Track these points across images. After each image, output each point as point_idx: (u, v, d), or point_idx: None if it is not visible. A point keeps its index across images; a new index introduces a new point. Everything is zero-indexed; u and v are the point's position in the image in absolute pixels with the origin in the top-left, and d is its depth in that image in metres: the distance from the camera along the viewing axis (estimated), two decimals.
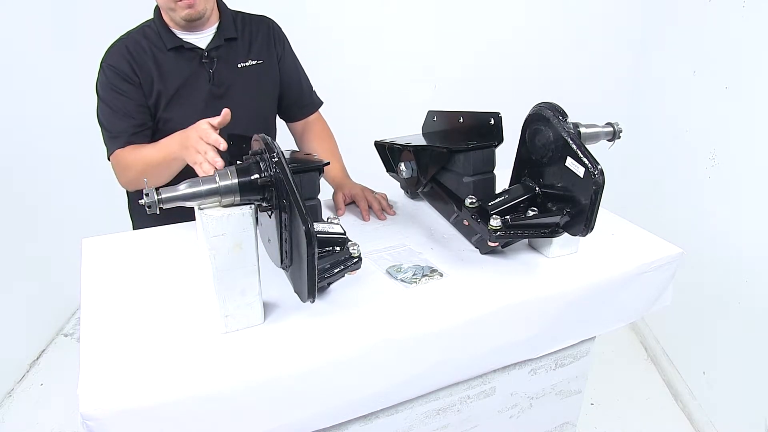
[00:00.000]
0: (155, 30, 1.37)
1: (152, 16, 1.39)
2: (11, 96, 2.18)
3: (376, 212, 1.38)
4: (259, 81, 1.46)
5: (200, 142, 1.03)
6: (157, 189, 0.83)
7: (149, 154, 1.26)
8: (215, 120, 1.06)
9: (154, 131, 1.40)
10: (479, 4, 2.47)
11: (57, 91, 2.42)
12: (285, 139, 1.65)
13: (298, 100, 1.58)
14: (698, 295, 1.95)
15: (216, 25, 1.40)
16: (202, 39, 1.39)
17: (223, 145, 1.01)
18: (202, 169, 1.00)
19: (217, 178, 0.85)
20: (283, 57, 1.51)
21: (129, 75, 1.33)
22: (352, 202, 1.43)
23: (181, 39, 1.37)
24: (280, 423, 0.90)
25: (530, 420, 1.30)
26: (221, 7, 1.44)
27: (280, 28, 1.53)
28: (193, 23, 1.34)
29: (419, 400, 1.09)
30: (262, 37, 1.47)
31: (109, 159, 1.36)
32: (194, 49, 1.37)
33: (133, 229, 1.53)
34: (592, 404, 2.07)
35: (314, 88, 1.64)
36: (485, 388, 1.17)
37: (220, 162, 0.98)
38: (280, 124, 1.64)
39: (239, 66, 1.42)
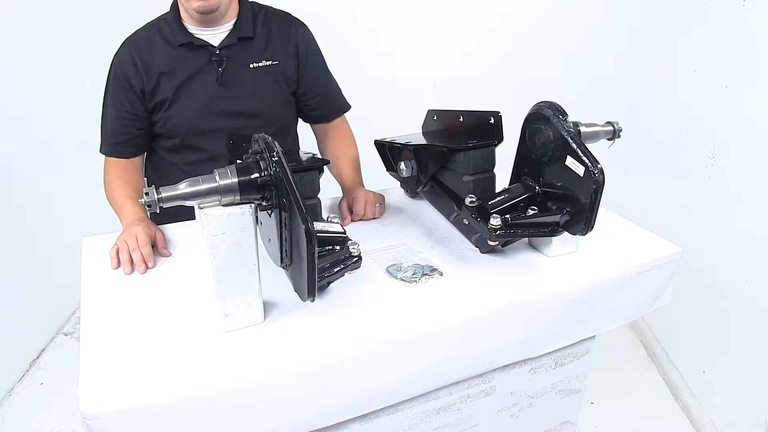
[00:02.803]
0: (169, 24, 1.34)
1: (169, 10, 1.36)
2: (11, 96, 2.18)
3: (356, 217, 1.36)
4: (271, 82, 1.40)
5: (133, 241, 1.15)
6: (157, 188, 0.83)
7: (114, 196, 1.34)
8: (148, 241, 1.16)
9: (157, 131, 1.39)
10: (479, 4, 2.47)
11: (57, 90, 2.42)
12: (306, 141, 1.63)
13: (320, 105, 1.52)
14: (698, 294, 1.95)
15: (233, 21, 1.36)
16: (215, 36, 1.35)
17: (150, 264, 1.13)
18: (119, 258, 1.12)
19: (217, 177, 0.85)
20: (307, 60, 1.44)
21: (131, 80, 1.32)
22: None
23: (192, 35, 1.33)
24: (280, 422, 0.90)
25: (530, 419, 1.30)
26: (242, 2, 1.38)
27: (305, 29, 1.46)
28: (206, 17, 1.30)
29: (419, 399, 1.09)
30: (282, 35, 1.41)
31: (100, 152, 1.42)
32: (205, 46, 1.34)
33: None
34: (592, 403, 2.07)
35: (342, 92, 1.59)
36: (485, 387, 1.17)
37: (142, 267, 1.12)
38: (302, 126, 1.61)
39: (251, 66, 1.37)
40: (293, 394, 0.89)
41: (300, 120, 1.59)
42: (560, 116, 1.04)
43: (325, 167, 1.22)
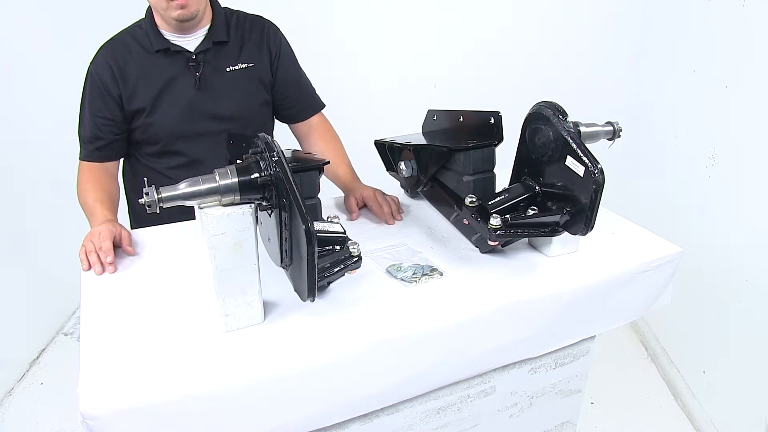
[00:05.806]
0: (144, 30, 1.35)
1: (144, 16, 1.37)
2: (11, 96, 2.18)
3: (386, 215, 1.34)
4: (248, 84, 1.43)
5: (97, 239, 1.14)
6: (157, 188, 0.83)
7: (86, 200, 1.33)
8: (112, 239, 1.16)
9: (138, 137, 1.40)
10: (479, 3, 2.47)
11: (57, 90, 2.42)
12: (283, 140, 1.64)
13: (296, 102, 1.54)
14: (698, 294, 1.95)
15: (207, 27, 1.38)
16: (191, 42, 1.37)
17: (110, 263, 1.12)
18: (88, 260, 1.12)
19: (217, 177, 0.85)
20: (279, 59, 1.47)
21: (108, 86, 1.33)
22: (364, 205, 1.40)
23: (168, 41, 1.35)
24: (280, 422, 0.90)
25: (530, 419, 1.30)
26: (215, 8, 1.41)
27: (276, 29, 1.49)
28: (184, 24, 1.32)
29: (419, 399, 1.09)
30: (255, 38, 1.44)
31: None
32: (181, 51, 1.35)
33: (131, 228, 1.53)
34: (592, 403, 2.07)
35: (316, 90, 1.61)
36: (485, 387, 1.17)
37: (109, 267, 1.11)
38: (279, 126, 1.63)
39: (228, 70, 1.39)
40: (293, 394, 0.89)
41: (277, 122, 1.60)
42: (560, 116, 1.04)
43: None
